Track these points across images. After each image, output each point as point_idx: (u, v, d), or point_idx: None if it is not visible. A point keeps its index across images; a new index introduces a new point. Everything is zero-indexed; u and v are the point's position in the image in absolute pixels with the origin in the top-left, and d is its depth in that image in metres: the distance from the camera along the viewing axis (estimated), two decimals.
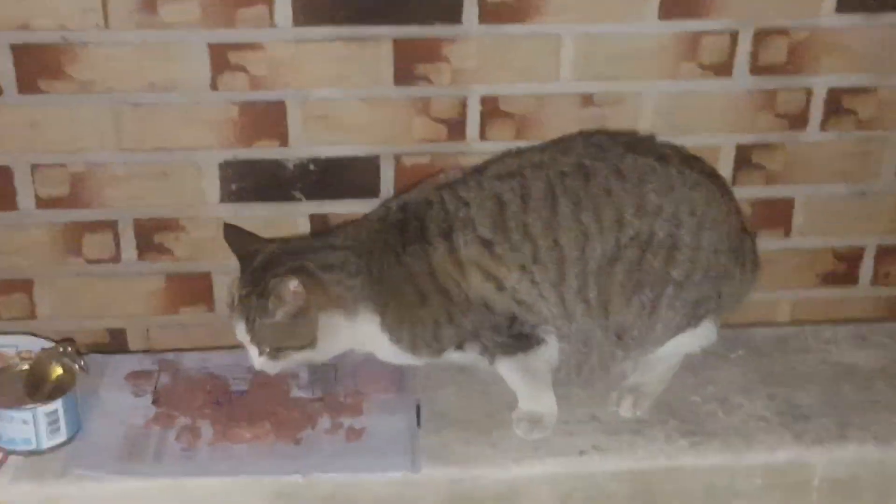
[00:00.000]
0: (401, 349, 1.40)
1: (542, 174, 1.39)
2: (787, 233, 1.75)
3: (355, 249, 1.39)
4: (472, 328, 1.39)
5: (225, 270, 1.68)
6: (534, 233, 1.36)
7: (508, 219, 1.37)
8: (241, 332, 1.39)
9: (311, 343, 1.37)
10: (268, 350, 1.38)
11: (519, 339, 1.39)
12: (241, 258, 1.43)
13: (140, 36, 1.54)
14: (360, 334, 1.40)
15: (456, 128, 1.64)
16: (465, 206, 1.38)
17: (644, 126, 1.64)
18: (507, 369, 1.43)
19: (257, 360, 1.40)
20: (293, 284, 1.34)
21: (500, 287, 1.37)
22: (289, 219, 1.67)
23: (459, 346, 1.41)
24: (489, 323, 1.38)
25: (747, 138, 1.69)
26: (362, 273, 1.38)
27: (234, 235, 1.45)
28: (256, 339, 1.38)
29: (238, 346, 1.47)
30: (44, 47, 1.53)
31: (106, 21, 1.52)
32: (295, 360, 1.40)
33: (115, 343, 1.73)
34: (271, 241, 1.46)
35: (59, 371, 1.42)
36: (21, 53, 1.53)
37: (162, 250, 1.68)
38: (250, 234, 1.46)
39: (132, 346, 1.74)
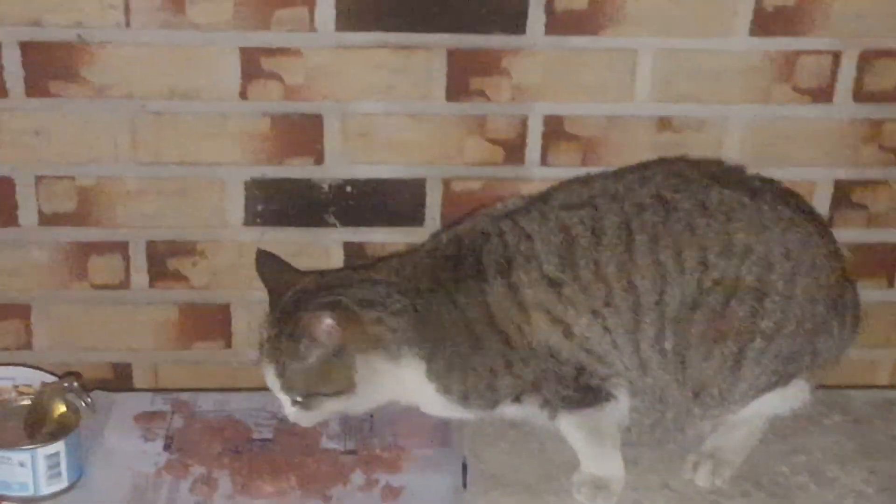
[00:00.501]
0: (449, 400, 1.40)
1: (617, 206, 1.39)
2: (891, 282, 1.75)
3: (399, 285, 1.39)
4: (534, 378, 1.39)
5: (246, 302, 1.71)
6: (607, 272, 1.37)
7: (578, 255, 1.37)
8: (270, 379, 1.39)
9: (348, 388, 1.37)
10: (300, 399, 1.38)
11: (586, 392, 1.39)
12: (272, 292, 1.43)
13: (164, 36, 1.56)
14: (403, 382, 1.39)
15: (514, 150, 1.65)
16: (528, 239, 1.39)
17: (728, 155, 1.64)
18: (571, 426, 1.43)
19: (290, 410, 1.40)
20: (327, 321, 1.34)
21: (569, 333, 1.37)
22: (320, 246, 1.68)
23: (517, 399, 1.40)
24: (554, 373, 1.38)
25: (848, 173, 1.69)
26: (407, 312, 1.38)
27: (268, 265, 1.45)
28: (287, 386, 1.38)
29: (261, 388, 1.47)
30: (57, 46, 1.55)
31: (128, 19, 1.55)
32: (330, 409, 1.39)
33: (119, 380, 1.74)
34: (307, 273, 1.46)
35: (61, 409, 1.43)
36: (31, 52, 1.55)
37: (176, 277, 1.69)
38: (287, 264, 1.46)
39: (138, 383, 1.75)
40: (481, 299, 1.37)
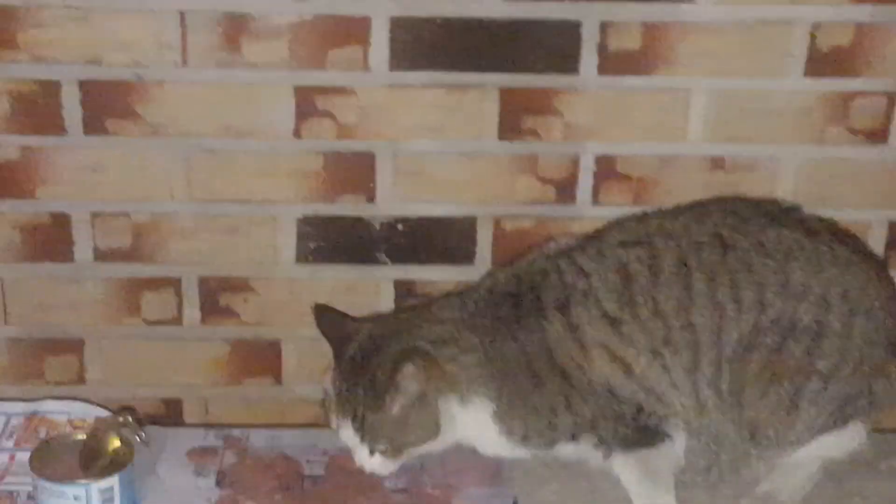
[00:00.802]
0: (510, 441, 1.41)
1: (674, 244, 1.41)
2: None
3: (464, 322, 1.41)
4: (592, 417, 1.40)
5: (296, 338, 1.73)
6: (665, 310, 1.38)
7: (636, 293, 1.39)
8: (347, 433, 1.39)
9: (434, 434, 1.38)
10: (383, 449, 1.39)
11: (643, 432, 1.40)
12: (335, 345, 1.44)
13: (220, 75, 1.59)
14: (468, 424, 1.40)
15: (565, 189, 1.66)
16: (586, 276, 1.40)
17: (781, 196, 1.65)
18: (625, 466, 1.43)
19: (368, 460, 1.40)
20: (409, 369, 1.34)
21: (628, 372, 1.38)
22: (371, 284, 1.70)
23: (574, 438, 1.41)
24: (612, 412, 1.39)
25: None
26: (477, 350, 1.39)
27: (328, 319, 1.46)
28: (370, 438, 1.38)
29: (312, 425, 1.50)
30: (115, 84, 1.59)
31: (184, 58, 1.58)
32: (414, 455, 1.40)
33: (170, 414, 1.76)
34: (365, 320, 1.47)
35: (116, 443, 1.45)
36: (90, 90, 1.59)
37: (228, 313, 1.71)
38: (344, 315, 1.47)
39: (188, 418, 1.77)
40: (541, 336, 1.39)
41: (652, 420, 1.40)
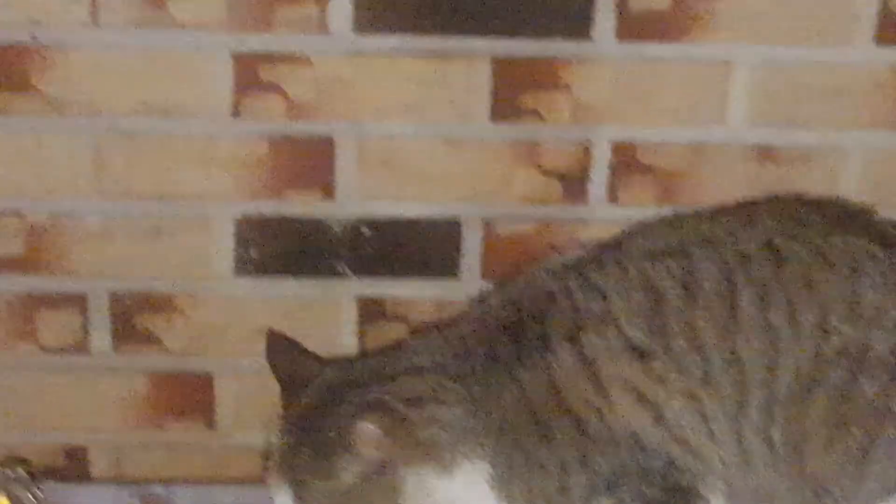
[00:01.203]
0: None
1: (715, 254, 1.39)
2: None
3: (450, 368, 1.40)
4: (611, 474, 1.39)
5: (233, 372, 1.72)
6: (704, 340, 1.37)
7: (668, 318, 1.38)
8: (283, 502, 1.37)
9: None
10: None
11: (674, 494, 1.39)
12: (286, 386, 1.43)
13: (139, 38, 1.58)
14: (459, 496, 1.39)
15: (574, 184, 1.66)
16: (603, 297, 1.39)
17: (846, 194, 1.62)
18: None
19: None
20: (369, 430, 1.33)
21: (659, 418, 1.37)
22: (329, 303, 1.69)
23: (587, 502, 1.40)
24: (637, 468, 1.38)
25: None
26: (463, 402, 1.38)
27: (282, 352, 1.45)
28: None
29: (252, 480, 1.48)
30: (4, 49, 1.57)
31: (94, 16, 1.57)
32: None
33: (72, 467, 1.74)
34: (330, 361, 1.45)
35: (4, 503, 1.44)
36: None
37: (147, 339, 1.70)
38: (305, 351, 1.45)
39: (96, 472, 1.75)
40: (547, 375, 1.38)
41: (685, 479, 1.39)
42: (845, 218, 1.46)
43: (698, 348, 1.37)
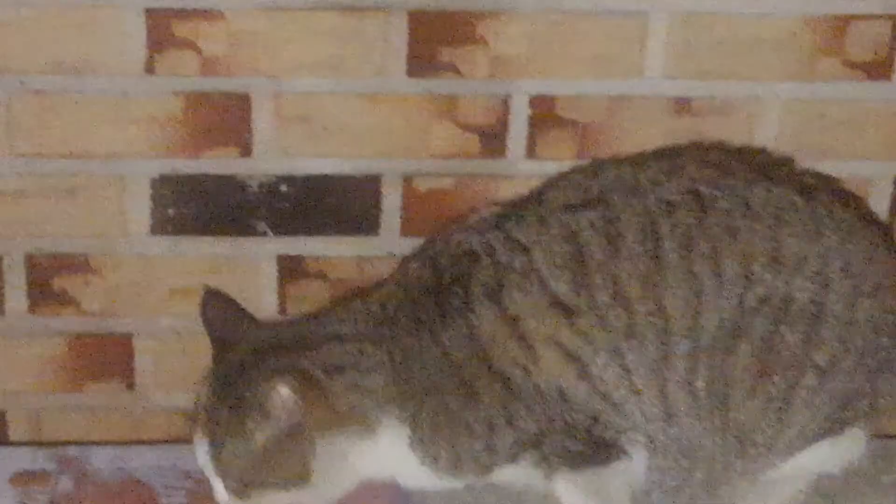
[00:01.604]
0: (435, 471, 1.41)
1: (638, 203, 1.39)
2: None
3: (372, 336, 1.40)
4: (538, 431, 1.39)
5: (152, 332, 1.71)
6: (629, 292, 1.37)
7: (591, 271, 1.37)
8: (202, 457, 1.39)
9: (301, 480, 1.37)
10: (234, 486, 1.38)
11: (597, 447, 1.40)
12: (218, 345, 1.43)
13: None
14: (380, 458, 1.40)
15: (493, 139, 1.65)
16: (524, 252, 1.39)
17: (762, 145, 1.61)
18: (571, 489, 1.43)
19: (223, 498, 1.39)
20: (283, 393, 1.34)
21: (584, 373, 1.37)
22: (248, 262, 1.68)
23: (513, 458, 1.41)
24: (563, 423, 1.39)
25: None
26: (383, 367, 1.39)
27: (217, 310, 1.45)
28: (223, 470, 1.37)
29: (171, 441, 1.47)
30: None
31: None
32: (274, 502, 1.39)
33: None
34: (266, 324, 1.47)
35: None
36: None
37: (64, 301, 1.69)
38: (242, 310, 1.46)
39: (14, 435, 1.74)
40: (469, 336, 1.38)
41: (608, 433, 1.39)
42: (768, 167, 1.46)
43: (622, 300, 1.37)
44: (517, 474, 1.43)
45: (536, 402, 1.38)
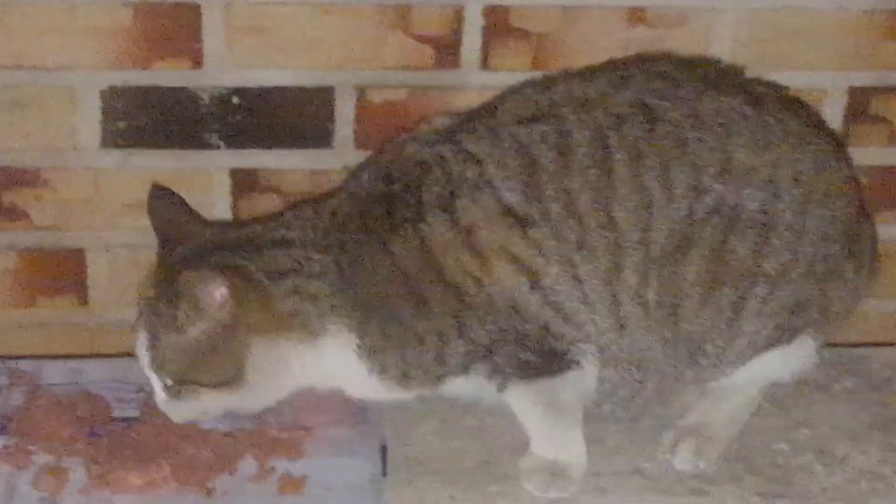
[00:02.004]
0: (385, 382, 1.41)
1: (588, 116, 1.38)
2: None
3: (320, 243, 1.39)
4: (489, 342, 1.39)
5: (105, 246, 1.69)
6: (580, 205, 1.37)
7: (543, 184, 1.37)
8: (140, 351, 1.39)
9: (234, 381, 1.37)
10: (169, 384, 1.38)
11: (549, 358, 1.40)
12: (163, 241, 1.43)
13: None
14: (324, 366, 1.40)
15: (447, 50, 1.63)
16: (476, 164, 1.38)
17: (719, 55, 1.61)
18: (523, 399, 1.44)
19: (160, 395, 1.40)
20: (219, 290, 1.34)
21: (536, 284, 1.37)
22: (201, 175, 1.67)
23: (465, 369, 1.41)
24: (514, 334, 1.39)
25: (865, 78, 1.70)
26: (329, 273, 1.38)
27: (164, 206, 1.45)
28: (158, 364, 1.38)
29: (124, 354, 1.46)
30: None
31: None
32: (209, 404, 1.40)
33: None
34: (214, 224, 1.46)
35: None
36: None
37: (14, 215, 1.67)
38: (189, 209, 1.46)
39: None
40: (421, 246, 1.37)
41: (559, 344, 1.39)
42: (716, 77, 1.45)
43: (574, 213, 1.37)
44: (468, 386, 1.43)
45: (488, 313, 1.38)
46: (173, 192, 1.46)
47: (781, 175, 1.39)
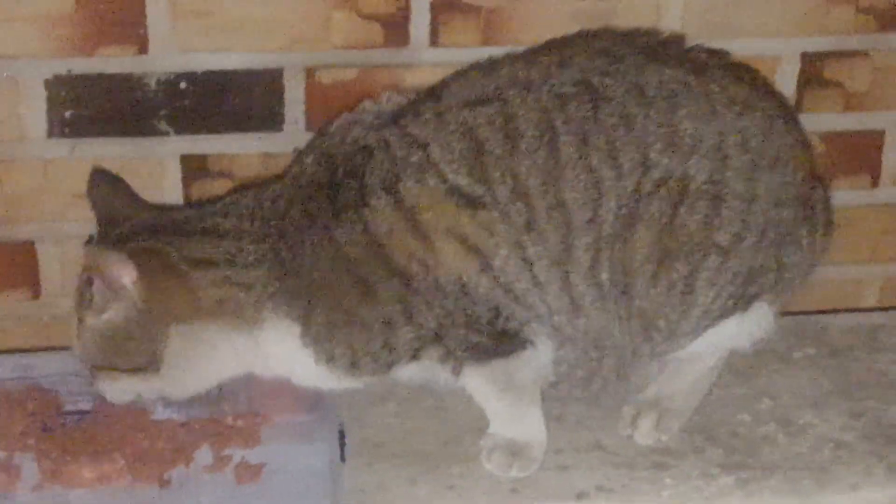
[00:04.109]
0: (332, 370, 1.40)
1: (532, 98, 1.38)
2: (875, 181, 1.76)
3: (256, 233, 1.38)
4: (437, 325, 1.38)
5: (56, 238, 1.67)
6: (528, 187, 1.36)
7: (490, 167, 1.36)
8: (73, 338, 1.40)
9: (149, 366, 1.37)
10: (90, 368, 1.39)
11: (500, 339, 1.39)
12: (102, 225, 1.42)
13: None
14: (266, 354, 1.39)
15: (395, 28, 1.62)
16: (422, 148, 1.37)
17: (668, 26, 1.62)
18: (480, 381, 1.43)
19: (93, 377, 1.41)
20: (127, 272, 1.34)
21: (486, 266, 1.36)
22: (150, 162, 1.65)
23: (415, 356, 1.40)
24: (463, 317, 1.38)
25: (817, 44, 1.69)
26: (266, 261, 1.37)
27: (104, 190, 1.44)
28: (80, 347, 1.39)
29: None
30: None
31: None
32: (129, 389, 1.40)
33: None
34: (153, 208, 1.46)
35: None
36: None
37: None
38: (130, 193, 1.45)
39: None
40: (365, 231, 1.36)
41: (511, 325, 1.39)
42: (658, 49, 1.45)
43: (522, 195, 1.36)
44: (422, 371, 1.43)
45: (436, 298, 1.37)
46: (115, 177, 1.46)
47: (728, 143, 1.39)
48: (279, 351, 1.39)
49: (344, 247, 1.36)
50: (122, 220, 1.41)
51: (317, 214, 1.38)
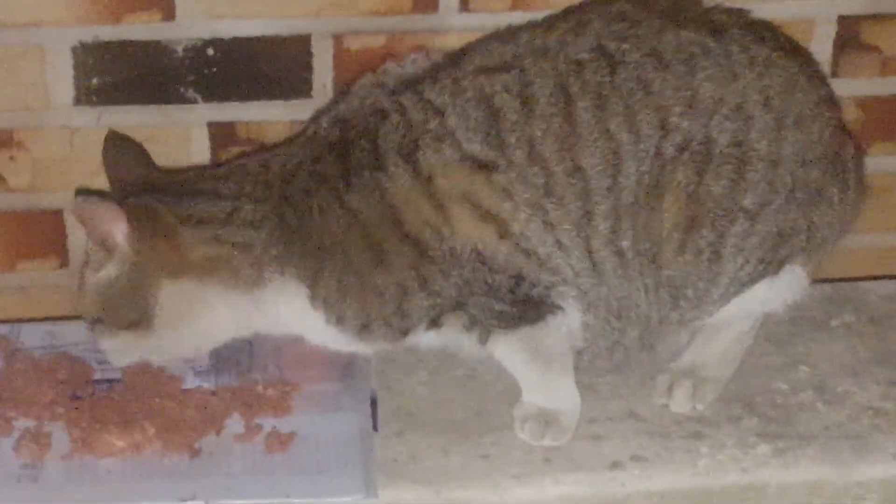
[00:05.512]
0: (343, 332, 1.39)
1: (549, 65, 1.37)
2: None
3: (257, 195, 1.38)
4: (457, 294, 1.37)
5: None
6: (545, 153, 1.35)
7: (506, 133, 1.35)
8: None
9: (141, 322, 1.37)
10: (90, 323, 1.40)
11: (526, 306, 1.38)
12: (115, 188, 1.42)
13: None
14: (274, 315, 1.39)
15: None
16: (438, 114, 1.36)
17: None
18: (508, 350, 1.42)
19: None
20: (118, 225, 1.35)
21: (504, 232, 1.35)
22: (177, 130, 1.65)
23: (434, 323, 1.39)
24: (484, 284, 1.37)
25: (855, 5, 1.67)
26: (268, 222, 1.37)
27: (118, 153, 1.44)
28: (81, 301, 1.40)
29: None
30: None
31: None
32: (126, 346, 1.40)
33: None
34: (159, 168, 1.45)
35: None
36: None
37: None
38: (143, 155, 1.45)
39: None
40: (380, 196, 1.35)
41: (536, 291, 1.37)
42: (675, 12, 1.43)
43: (539, 160, 1.35)
44: (445, 338, 1.42)
45: (453, 267, 1.36)
46: (130, 139, 1.46)
47: (750, 103, 1.37)
48: (287, 311, 1.39)
49: (357, 210, 1.36)
50: (131, 183, 1.42)
51: (327, 176, 1.37)
